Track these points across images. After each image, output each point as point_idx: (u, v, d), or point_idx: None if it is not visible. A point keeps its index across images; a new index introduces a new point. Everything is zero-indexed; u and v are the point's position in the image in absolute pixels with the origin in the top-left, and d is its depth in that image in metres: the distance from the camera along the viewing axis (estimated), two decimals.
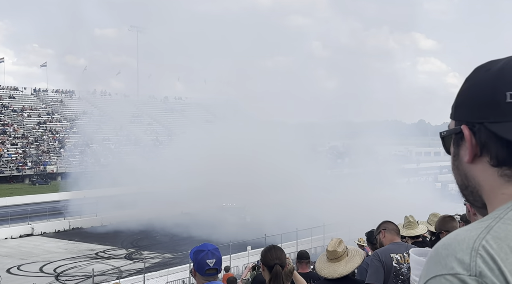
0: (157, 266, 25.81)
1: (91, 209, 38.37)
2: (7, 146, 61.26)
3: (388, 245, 4.39)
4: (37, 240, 33.05)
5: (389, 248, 4.32)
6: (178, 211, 40.99)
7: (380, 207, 39.90)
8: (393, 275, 4.15)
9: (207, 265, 3.22)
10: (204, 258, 3.23)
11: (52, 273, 25.62)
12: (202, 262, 3.22)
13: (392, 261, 4.19)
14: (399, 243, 4.42)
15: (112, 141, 70.17)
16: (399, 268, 4.18)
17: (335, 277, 4.14)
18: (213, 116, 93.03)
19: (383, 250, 4.33)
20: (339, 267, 4.18)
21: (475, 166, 0.95)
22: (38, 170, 58.26)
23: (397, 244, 4.40)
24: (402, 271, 4.17)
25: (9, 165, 57.61)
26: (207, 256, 3.24)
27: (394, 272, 4.16)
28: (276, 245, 3.76)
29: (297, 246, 23.64)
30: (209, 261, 3.23)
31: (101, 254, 29.50)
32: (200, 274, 3.23)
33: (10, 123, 66.79)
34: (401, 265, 4.20)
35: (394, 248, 4.29)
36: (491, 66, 0.94)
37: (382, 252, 4.29)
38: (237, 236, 29.44)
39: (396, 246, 4.33)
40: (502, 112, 0.90)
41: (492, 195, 0.93)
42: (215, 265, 3.24)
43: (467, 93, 0.95)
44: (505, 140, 0.89)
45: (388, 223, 4.65)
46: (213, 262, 3.24)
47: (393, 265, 4.19)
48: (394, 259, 4.21)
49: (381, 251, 4.33)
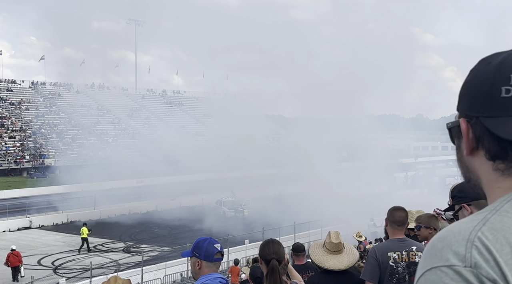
0: (155, 259, 25.89)
1: (89, 203, 38.39)
2: (5, 139, 61.19)
3: (387, 242, 4.26)
4: (35, 233, 33.09)
5: (387, 246, 4.19)
6: (177, 204, 41.04)
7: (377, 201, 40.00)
8: (388, 273, 4.07)
9: (215, 249, 3.29)
10: (210, 244, 3.31)
11: (50, 266, 25.69)
12: (210, 247, 3.29)
13: (389, 260, 4.09)
14: (399, 240, 4.19)
15: (110, 135, 70.11)
16: (395, 267, 4.09)
17: (342, 269, 4.19)
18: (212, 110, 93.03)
19: (380, 248, 4.23)
20: (343, 258, 4.24)
21: (474, 159, 0.96)
22: (36, 163, 58.23)
23: (397, 241, 4.18)
24: (398, 270, 4.08)
25: (7, 158, 57.58)
26: (212, 242, 3.34)
27: (390, 270, 4.07)
28: (274, 239, 3.76)
29: (294, 240, 23.69)
30: (216, 245, 3.32)
31: (99, 247, 29.55)
32: (209, 261, 3.28)
33: (8, 116, 66.67)
34: (398, 264, 4.09)
35: (393, 246, 4.15)
36: (492, 59, 0.94)
37: (379, 250, 4.18)
38: (235, 230, 29.54)
39: (395, 243, 4.17)
40: (496, 107, 0.90)
41: (490, 189, 0.94)
42: (221, 249, 3.33)
43: (468, 86, 0.96)
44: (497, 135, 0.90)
45: (394, 212, 4.24)
46: (219, 246, 3.33)
47: (389, 264, 4.08)
48: (391, 258, 4.09)
49: (379, 248, 4.22)
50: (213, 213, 38.48)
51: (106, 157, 63.13)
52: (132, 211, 39.39)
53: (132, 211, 39.31)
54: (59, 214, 36.84)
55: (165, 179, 54.36)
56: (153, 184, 50.95)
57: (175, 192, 44.42)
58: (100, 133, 69.06)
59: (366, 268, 4.15)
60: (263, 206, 38.67)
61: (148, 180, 53.08)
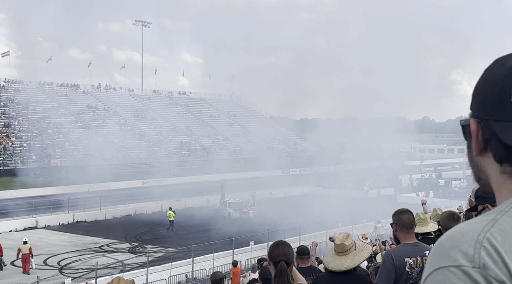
0: (160, 260, 25.93)
1: (95, 203, 38.53)
2: (12, 139, 61.50)
3: (402, 247, 4.16)
4: (41, 233, 33.22)
5: (403, 251, 4.10)
6: (182, 205, 41.13)
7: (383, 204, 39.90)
8: (403, 279, 4.02)
9: None
10: None
11: (56, 265, 25.78)
12: None
13: (406, 266, 4.02)
14: (413, 245, 4.14)
15: (116, 136, 70.34)
16: (410, 272, 4.03)
17: (342, 270, 4.21)
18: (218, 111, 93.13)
19: (397, 252, 4.11)
20: (346, 260, 4.25)
21: (484, 159, 0.96)
22: (42, 163, 58.47)
23: (411, 246, 4.12)
24: (412, 275, 4.03)
25: (14, 158, 57.87)
26: None
27: (405, 276, 4.02)
28: (284, 241, 3.75)
29: (299, 242, 23.67)
30: None
31: (104, 248, 29.65)
32: None
33: (15, 116, 66.99)
34: (413, 270, 4.03)
35: (409, 251, 4.07)
36: (506, 61, 0.93)
37: (396, 254, 4.08)
38: (240, 231, 29.55)
39: (410, 248, 4.09)
40: (505, 111, 0.89)
41: (498, 190, 0.94)
42: None
43: (480, 86, 0.96)
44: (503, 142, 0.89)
45: (402, 215, 4.18)
46: None
47: (406, 269, 4.02)
48: (408, 264, 4.03)
49: (396, 253, 4.11)
50: (218, 214, 38.54)
51: (112, 157, 63.38)
52: (137, 211, 39.50)
53: (138, 212, 39.42)
54: (65, 214, 36.98)
55: (171, 180, 54.56)
56: (159, 185, 51.13)
57: (181, 193, 44.54)
58: (106, 134, 69.28)
59: (382, 273, 4.08)
60: (268, 207, 38.68)
61: (153, 181, 53.26)
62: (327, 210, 34.11)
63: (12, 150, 59.51)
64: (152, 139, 73.14)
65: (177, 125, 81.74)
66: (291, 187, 49.92)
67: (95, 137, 66.21)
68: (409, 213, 4.22)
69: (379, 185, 51.30)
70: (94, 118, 73.80)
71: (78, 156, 61.08)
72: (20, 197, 42.11)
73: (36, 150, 60.37)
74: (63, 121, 70.18)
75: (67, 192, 43.47)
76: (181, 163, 67.87)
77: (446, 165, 75.68)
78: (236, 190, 42.58)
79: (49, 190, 45.49)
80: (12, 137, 61.93)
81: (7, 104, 69.26)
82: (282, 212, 34.62)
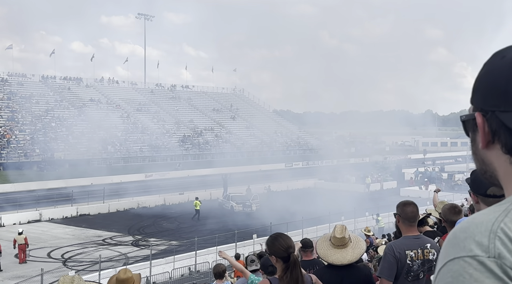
0: (163, 253, 26.02)
1: (98, 196, 38.65)
2: (15, 132, 61.62)
3: (404, 239, 4.17)
4: (45, 226, 33.35)
5: (404, 243, 4.11)
6: (185, 198, 41.21)
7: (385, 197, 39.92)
8: (405, 272, 4.04)
9: None
10: None
11: (59, 258, 25.91)
12: None
13: (407, 258, 4.05)
14: (415, 237, 4.16)
15: (119, 129, 70.40)
16: (411, 265, 4.05)
17: (345, 264, 4.17)
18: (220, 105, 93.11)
19: (398, 245, 4.13)
20: (347, 253, 4.18)
21: (490, 152, 0.96)
22: (46, 156, 58.60)
23: (413, 238, 4.14)
24: (413, 268, 4.06)
25: (18, 151, 58.00)
26: None
27: (406, 268, 4.04)
28: (281, 232, 3.72)
29: (302, 235, 23.73)
30: None
31: (108, 241, 29.76)
32: None
33: (19, 110, 67.09)
34: (414, 262, 4.06)
35: (410, 244, 4.09)
36: (507, 53, 0.94)
37: (397, 247, 4.10)
38: (243, 224, 29.62)
39: (411, 241, 4.12)
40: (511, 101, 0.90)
41: (507, 181, 0.95)
42: None
43: (482, 80, 0.96)
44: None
45: (406, 207, 4.17)
46: None
47: (407, 262, 4.04)
48: (409, 256, 4.05)
49: (397, 245, 4.13)
50: (221, 207, 38.63)
51: (115, 151, 63.49)
52: (140, 205, 39.61)
53: (141, 205, 39.54)
54: (69, 207, 37.11)
55: (174, 174, 54.67)
56: (162, 178, 51.24)
57: (184, 186, 44.65)
58: (109, 127, 69.33)
59: (384, 265, 4.09)
60: (271, 200, 38.76)
61: (156, 174, 53.37)
62: (329, 203, 34.12)
63: (16, 143, 59.63)
64: (155, 133, 73.17)
65: (180, 119, 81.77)
66: (293, 181, 49.97)
67: (98, 130, 66.29)
68: (413, 205, 4.21)
69: (382, 178, 51.35)
70: (97, 112, 73.87)
71: (81, 150, 61.17)
72: (24, 190, 42.24)
73: (39, 143, 60.50)
74: (66, 114, 70.27)
75: (71, 185, 43.62)
76: (183, 157, 67.96)
77: (449, 159, 75.59)
78: (239, 183, 42.68)
79: (53, 183, 45.62)
80: (16, 131, 62.04)
81: (10, 97, 69.33)
82: (284, 206, 34.65)
